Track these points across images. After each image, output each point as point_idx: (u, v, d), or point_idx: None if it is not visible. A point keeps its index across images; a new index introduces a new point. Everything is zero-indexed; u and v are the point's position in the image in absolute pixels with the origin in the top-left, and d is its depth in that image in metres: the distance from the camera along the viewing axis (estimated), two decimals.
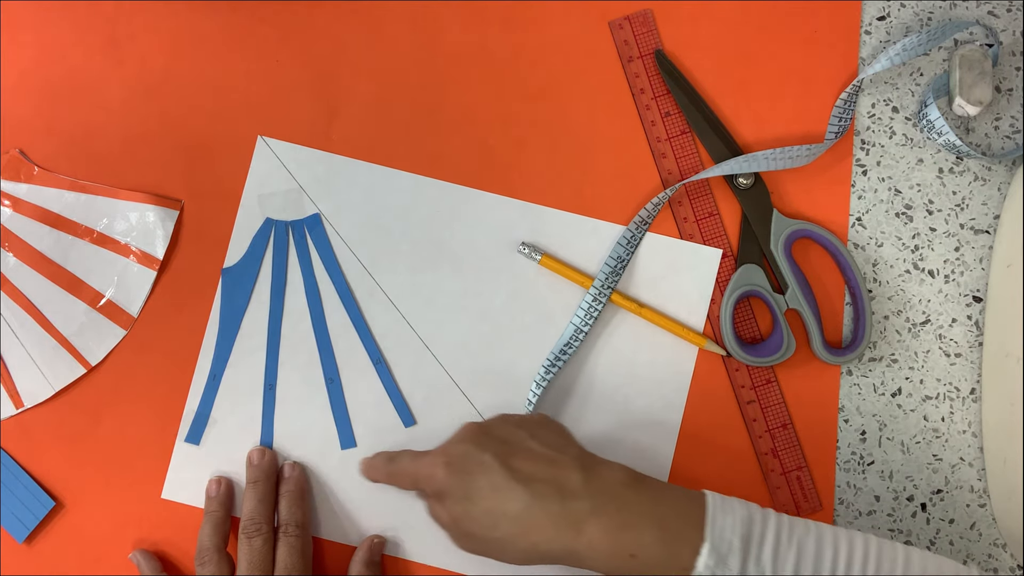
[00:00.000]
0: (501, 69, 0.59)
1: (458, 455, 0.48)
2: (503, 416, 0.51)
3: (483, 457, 0.47)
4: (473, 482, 0.47)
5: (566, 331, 0.56)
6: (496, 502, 0.46)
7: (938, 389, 0.57)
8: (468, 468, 0.47)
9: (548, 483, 0.46)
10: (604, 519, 0.45)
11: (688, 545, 0.44)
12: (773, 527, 0.45)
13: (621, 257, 0.56)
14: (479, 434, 0.49)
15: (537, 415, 0.52)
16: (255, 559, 0.52)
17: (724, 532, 0.44)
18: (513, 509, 0.45)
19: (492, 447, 0.48)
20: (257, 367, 0.57)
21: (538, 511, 0.45)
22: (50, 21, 0.59)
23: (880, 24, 0.59)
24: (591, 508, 0.45)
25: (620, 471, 0.47)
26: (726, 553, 0.43)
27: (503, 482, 0.46)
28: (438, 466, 0.48)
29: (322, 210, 0.58)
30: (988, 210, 0.58)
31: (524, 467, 0.46)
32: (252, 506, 0.53)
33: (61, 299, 0.57)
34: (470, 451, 0.48)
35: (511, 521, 0.46)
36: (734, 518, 0.44)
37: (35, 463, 0.56)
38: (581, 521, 0.45)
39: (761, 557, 0.43)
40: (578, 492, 0.45)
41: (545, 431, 0.49)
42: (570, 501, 0.45)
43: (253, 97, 0.59)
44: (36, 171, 0.58)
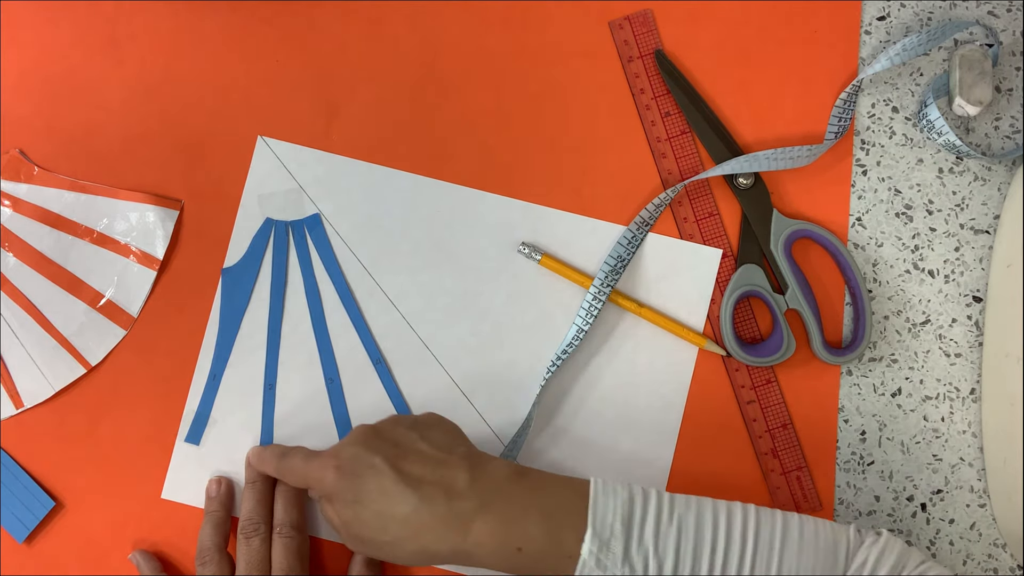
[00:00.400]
0: (501, 69, 0.59)
1: (348, 458, 0.48)
2: (395, 417, 0.51)
3: (373, 460, 0.47)
4: (362, 485, 0.47)
5: (569, 332, 0.56)
6: (385, 505, 0.46)
7: (938, 389, 0.57)
8: (358, 471, 0.47)
9: (436, 485, 0.46)
10: (490, 516, 0.45)
11: (572, 532, 0.45)
12: (654, 507, 0.45)
13: (622, 256, 0.56)
14: (370, 436, 0.49)
15: (430, 415, 0.52)
16: (254, 559, 0.52)
17: (606, 517, 0.45)
18: (401, 512, 0.46)
19: (382, 450, 0.48)
20: (257, 367, 0.57)
21: (426, 513, 0.45)
22: (50, 21, 0.59)
23: (880, 24, 0.59)
24: (477, 506, 0.45)
25: (505, 466, 0.47)
26: (608, 538, 0.44)
27: (392, 485, 0.46)
28: (328, 469, 0.48)
29: (322, 210, 0.58)
30: (988, 210, 0.58)
31: (413, 470, 0.47)
32: (250, 506, 0.53)
33: (61, 299, 0.57)
34: (360, 454, 0.48)
35: (400, 524, 0.46)
36: (615, 501, 0.45)
37: (35, 463, 0.56)
38: (468, 520, 0.45)
39: (643, 537, 0.44)
40: (464, 492, 0.46)
41: (436, 431, 0.50)
42: (457, 501, 0.46)
43: (253, 97, 0.59)
44: (36, 171, 0.58)
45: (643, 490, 0.46)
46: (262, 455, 0.54)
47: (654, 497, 0.46)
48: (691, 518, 0.45)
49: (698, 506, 0.46)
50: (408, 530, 0.46)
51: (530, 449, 0.56)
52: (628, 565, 0.44)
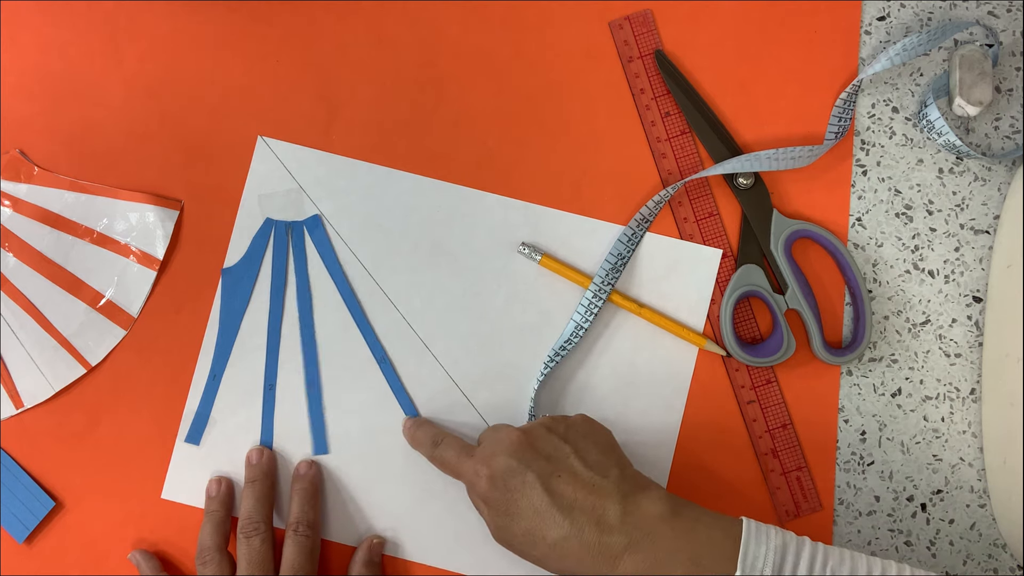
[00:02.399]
0: (501, 69, 0.59)
1: (501, 470, 0.48)
2: (548, 423, 0.50)
3: (526, 476, 0.47)
4: (515, 502, 0.47)
5: (567, 328, 0.56)
6: (536, 525, 0.46)
7: (938, 389, 0.57)
8: (511, 486, 0.47)
9: (587, 513, 0.46)
10: (639, 556, 0.45)
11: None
12: (807, 557, 0.44)
13: (622, 254, 0.56)
14: (524, 447, 0.48)
15: (583, 421, 0.51)
16: (255, 559, 0.52)
17: (756, 562, 0.44)
18: (552, 536, 0.46)
19: (536, 465, 0.47)
20: (257, 367, 0.57)
21: (575, 542, 0.45)
22: (50, 21, 0.59)
23: (880, 24, 0.59)
24: (627, 544, 0.45)
25: (658, 502, 0.46)
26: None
27: (544, 507, 0.46)
28: (481, 477, 0.49)
29: (322, 211, 0.58)
30: (988, 210, 0.58)
31: (566, 492, 0.46)
32: (250, 505, 0.53)
33: (61, 299, 0.57)
34: (513, 467, 0.48)
35: (549, 546, 0.46)
36: (768, 548, 0.44)
37: (35, 463, 0.56)
38: (617, 556, 0.45)
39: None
40: (615, 526, 0.45)
41: (590, 445, 0.49)
42: (607, 535, 0.45)
43: (253, 97, 0.59)
44: (36, 171, 0.58)
45: (796, 539, 0.45)
46: (415, 436, 0.54)
47: (808, 547, 0.45)
48: (845, 571, 0.44)
49: (852, 561, 0.45)
50: (556, 552, 0.46)
51: None
52: None
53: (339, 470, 0.56)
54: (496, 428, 0.52)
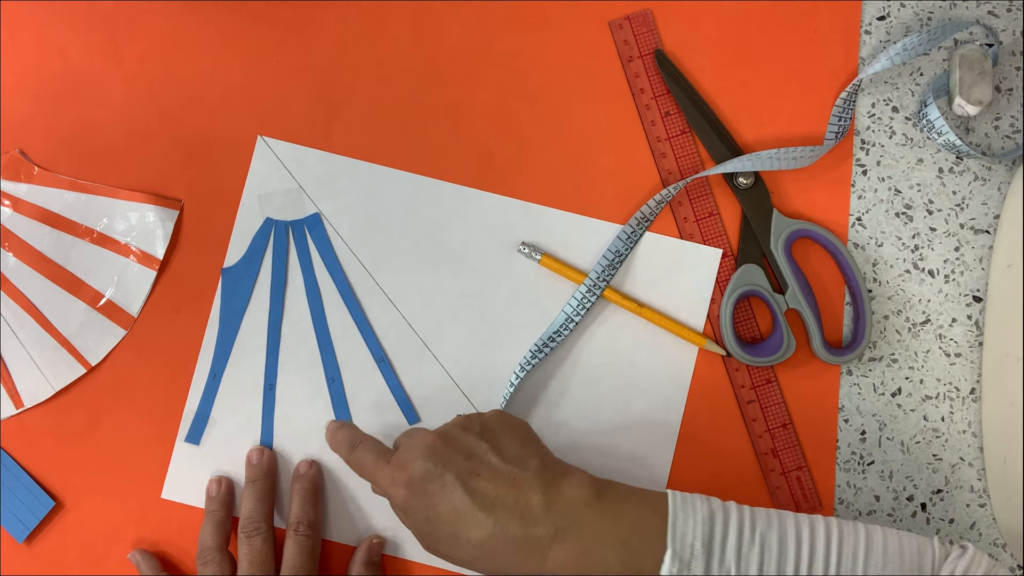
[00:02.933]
0: (501, 69, 0.59)
1: (419, 475, 0.46)
2: (462, 423, 0.49)
3: (444, 478, 0.45)
4: (435, 506, 0.45)
5: (557, 319, 0.56)
6: (459, 528, 0.45)
7: (938, 389, 0.57)
8: (429, 490, 0.46)
9: (510, 508, 0.44)
10: (567, 545, 0.44)
11: (650, 559, 0.43)
12: (735, 524, 0.44)
13: (619, 252, 0.56)
14: (439, 449, 0.47)
15: (498, 416, 0.50)
16: (256, 559, 0.52)
17: (685, 537, 0.43)
18: (476, 536, 0.45)
19: (454, 464, 0.46)
20: (257, 367, 0.57)
21: (501, 539, 0.44)
22: (50, 21, 0.59)
23: (880, 24, 0.59)
24: (553, 533, 0.44)
25: (580, 487, 0.45)
26: (688, 559, 0.43)
27: (465, 508, 0.45)
28: (399, 485, 0.47)
29: (322, 210, 0.58)
30: (988, 210, 0.58)
31: (487, 489, 0.45)
32: (251, 505, 0.53)
33: (61, 299, 0.57)
34: (430, 471, 0.46)
35: (475, 547, 0.45)
36: (695, 520, 0.44)
37: (35, 463, 0.56)
38: (544, 548, 0.44)
39: (724, 558, 0.43)
40: (539, 517, 0.44)
41: (506, 439, 0.48)
42: (532, 527, 0.44)
43: (253, 97, 0.59)
44: (36, 171, 0.58)
45: (723, 506, 0.45)
46: (335, 438, 0.53)
47: (735, 514, 0.45)
48: (774, 535, 0.44)
49: (780, 522, 0.45)
50: (484, 552, 0.45)
51: None
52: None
53: (339, 470, 0.56)
54: (411, 432, 0.50)
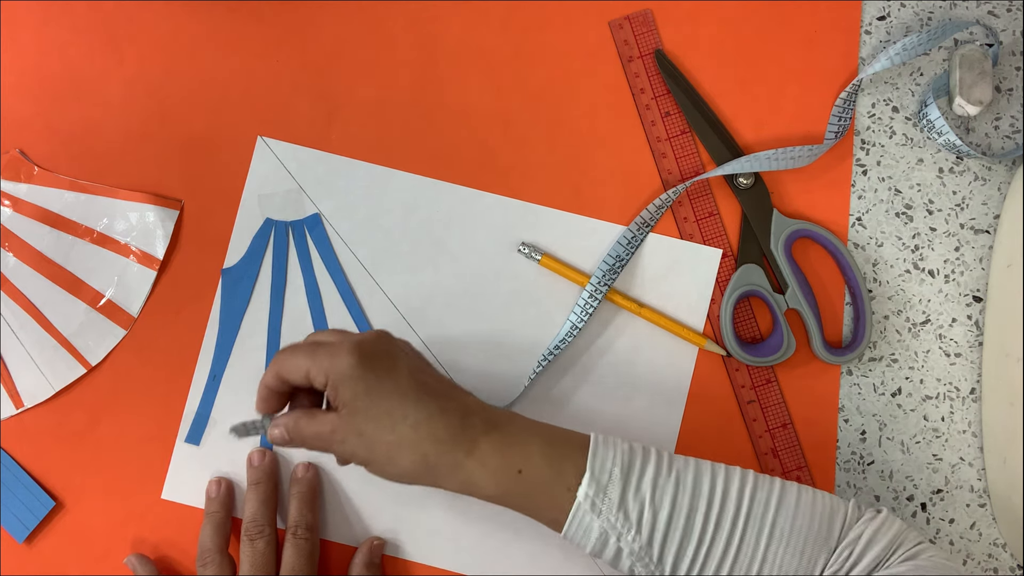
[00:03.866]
0: (501, 69, 0.59)
1: (368, 344, 0.46)
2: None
3: (396, 360, 0.46)
4: (380, 382, 0.45)
5: (562, 328, 0.56)
6: (398, 405, 0.45)
7: (938, 389, 0.57)
8: (377, 365, 0.46)
9: (451, 400, 0.46)
10: (496, 435, 0.46)
11: (572, 465, 0.45)
12: (653, 459, 0.46)
13: (620, 256, 0.56)
14: (391, 339, 0.48)
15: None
16: (258, 561, 0.52)
17: (605, 462, 0.45)
18: (415, 416, 0.45)
19: (405, 353, 0.48)
20: (257, 367, 0.57)
21: (440, 423, 0.45)
22: (50, 21, 0.59)
23: (880, 24, 0.59)
24: (486, 426, 0.46)
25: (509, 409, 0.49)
26: (606, 483, 0.45)
27: (410, 389, 0.46)
28: (342, 352, 0.45)
29: (322, 210, 0.58)
30: (988, 210, 0.58)
31: (430, 382, 0.47)
32: (255, 508, 0.53)
33: (61, 299, 0.57)
34: (382, 349, 0.46)
35: (410, 427, 0.45)
36: (615, 451, 0.46)
37: (35, 463, 0.56)
38: (475, 438, 0.46)
39: (640, 486, 0.45)
40: (476, 412, 0.47)
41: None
42: (469, 419, 0.46)
43: (253, 97, 0.59)
44: (36, 171, 0.58)
45: (643, 446, 0.47)
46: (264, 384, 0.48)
47: (653, 452, 0.47)
48: (689, 475, 0.46)
49: (696, 465, 0.47)
50: (415, 434, 0.45)
51: None
52: (623, 512, 0.45)
53: (339, 471, 0.56)
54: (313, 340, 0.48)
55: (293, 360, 0.46)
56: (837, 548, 0.45)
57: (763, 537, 0.45)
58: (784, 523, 0.45)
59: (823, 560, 0.45)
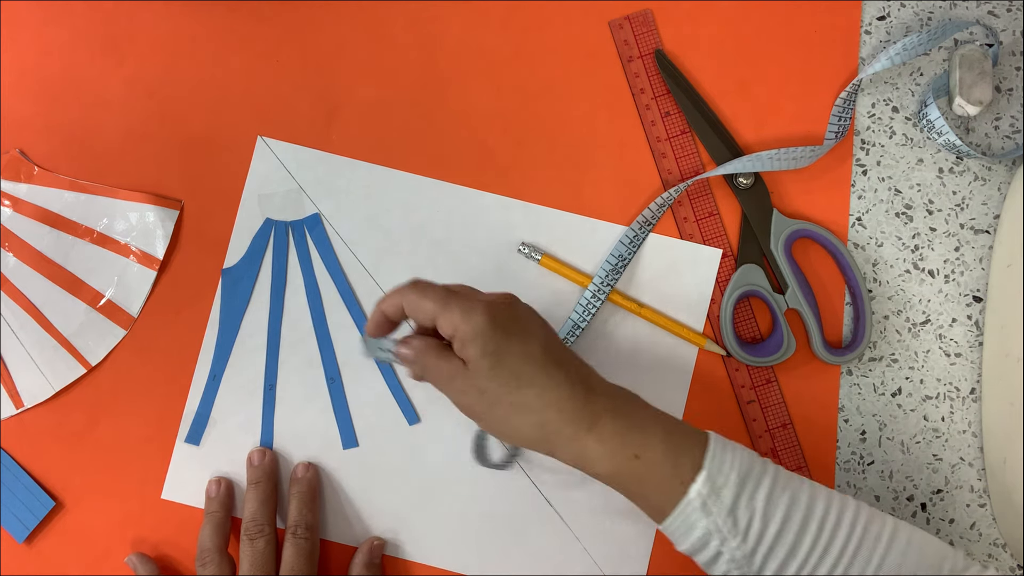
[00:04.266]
0: (501, 69, 0.59)
1: (501, 308, 0.46)
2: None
3: (528, 325, 0.46)
4: (509, 344, 0.45)
5: (564, 327, 0.56)
6: (527, 370, 0.45)
7: (938, 389, 0.57)
8: (511, 329, 0.45)
9: (578, 373, 0.46)
10: (619, 416, 0.45)
11: (689, 459, 0.44)
12: (771, 473, 0.45)
13: (623, 256, 0.56)
14: (521, 304, 0.47)
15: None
16: (258, 560, 0.52)
17: (723, 464, 0.44)
18: (542, 383, 0.45)
19: (534, 321, 0.47)
20: (257, 367, 0.57)
21: (565, 393, 0.45)
22: (50, 21, 0.59)
23: (880, 24, 0.59)
24: (608, 406, 0.45)
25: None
26: (721, 485, 0.44)
27: (539, 356, 0.45)
28: (478, 309, 0.45)
29: (322, 210, 0.58)
30: (988, 210, 0.58)
31: (560, 354, 0.46)
32: (254, 507, 0.53)
33: (61, 299, 0.57)
34: (513, 313, 0.46)
35: (535, 394, 0.45)
36: (735, 455, 0.45)
37: (35, 463, 0.56)
38: (598, 414, 0.45)
39: (755, 496, 0.44)
40: (599, 390, 0.46)
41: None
42: (593, 395, 0.45)
43: (253, 97, 0.59)
44: (36, 171, 0.58)
45: (762, 458, 0.46)
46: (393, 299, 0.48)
47: (771, 465, 0.46)
48: (804, 494, 0.45)
49: (813, 487, 0.45)
50: (539, 402, 0.45)
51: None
52: (733, 518, 0.44)
53: (339, 470, 0.56)
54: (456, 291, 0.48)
55: (422, 303, 0.46)
56: None
57: (869, 570, 0.44)
58: (894, 559, 0.44)
59: None
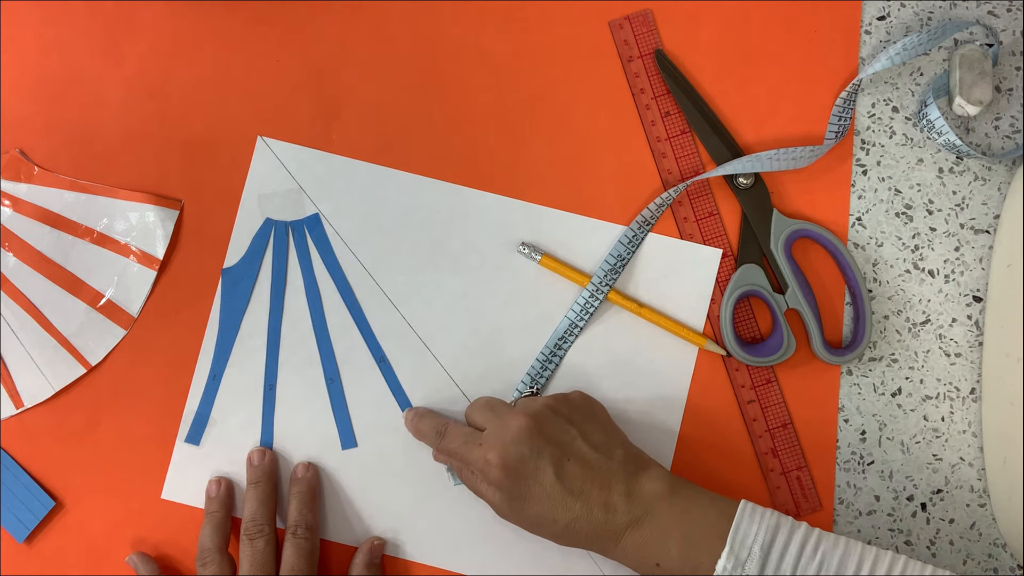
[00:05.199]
0: (501, 69, 0.59)
1: (514, 458, 0.49)
2: (552, 405, 0.51)
3: (539, 463, 0.49)
4: (528, 488, 0.49)
5: (560, 325, 0.56)
6: (547, 508, 0.48)
7: (938, 389, 0.57)
8: (524, 473, 0.49)
9: (595, 497, 0.48)
10: (637, 534, 0.48)
11: (708, 556, 0.46)
12: (799, 538, 0.46)
13: (622, 256, 0.56)
14: (533, 433, 0.49)
15: (580, 398, 0.53)
16: (258, 560, 0.52)
17: (746, 539, 0.46)
18: (563, 518, 0.48)
19: (547, 451, 0.49)
20: (257, 367, 0.57)
21: (584, 522, 0.48)
22: (50, 21, 0.59)
23: (880, 24, 0.59)
24: (629, 521, 0.48)
25: (658, 481, 0.49)
26: (744, 559, 0.45)
27: (556, 493, 0.48)
28: (493, 466, 0.49)
29: (322, 210, 0.58)
30: (988, 210, 0.58)
31: (576, 476, 0.48)
32: (254, 507, 0.53)
33: (61, 299, 0.57)
34: (525, 455, 0.49)
35: (562, 527, 0.49)
36: (759, 526, 0.46)
37: (35, 463, 0.56)
38: (620, 533, 0.48)
39: (781, 566, 0.45)
40: (620, 507, 0.48)
41: (592, 425, 0.51)
42: (613, 515, 0.48)
43: (253, 97, 0.59)
44: (36, 171, 0.58)
45: (792, 522, 0.47)
46: (419, 428, 0.55)
47: (801, 530, 0.46)
48: (835, 558, 0.45)
49: (845, 547, 0.46)
50: (567, 532, 0.49)
51: None
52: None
53: (338, 471, 0.56)
54: (492, 408, 0.52)
55: (447, 444, 0.53)
56: None
57: None
58: None
59: None
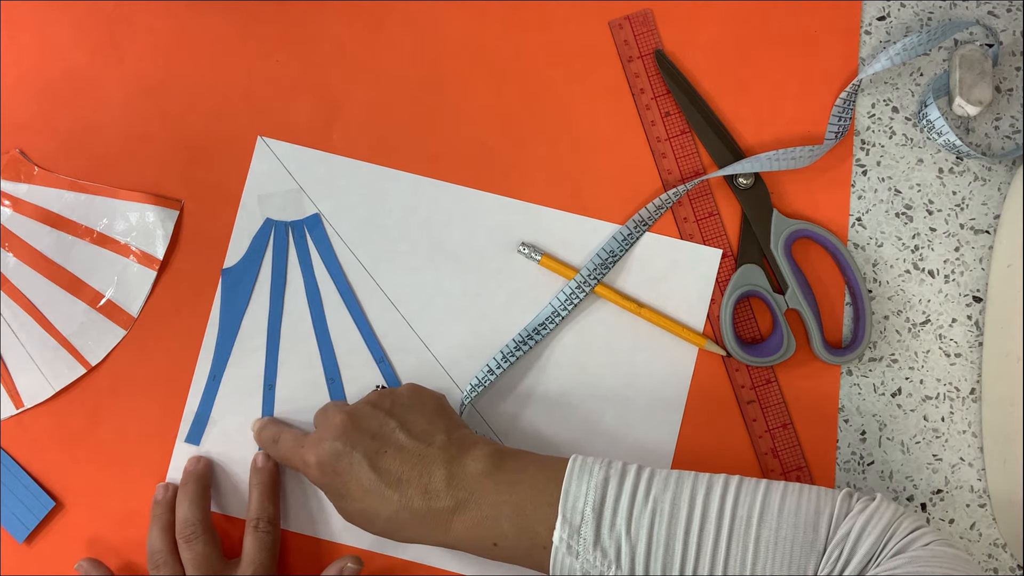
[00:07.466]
0: (501, 69, 0.59)
1: (328, 455, 0.49)
2: (373, 400, 0.51)
3: (352, 458, 0.48)
4: (345, 484, 0.48)
5: (543, 311, 0.56)
6: (368, 503, 0.48)
7: (938, 389, 0.57)
8: (339, 469, 0.49)
9: (414, 484, 0.47)
10: (465, 516, 0.47)
11: (543, 526, 0.46)
12: (628, 489, 0.45)
13: (614, 252, 0.56)
14: (349, 429, 0.49)
15: (409, 389, 0.52)
16: (198, 561, 0.52)
17: (576, 503, 0.45)
18: (385, 511, 0.48)
19: (361, 444, 0.49)
20: (257, 367, 0.57)
21: (406, 513, 0.47)
22: (50, 21, 0.59)
23: (880, 24, 0.59)
24: (454, 506, 0.47)
25: (480, 460, 0.48)
26: (579, 524, 0.45)
27: (373, 486, 0.48)
28: (310, 466, 0.50)
29: (322, 210, 0.58)
30: (988, 210, 0.58)
31: (392, 467, 0.48)
32: (184, 509, 0.53)
33: (61, 299, 0.57)
34: (339, 450, 0.49)
35: (385, 521, 0.48)
36: (588, 486, 0.46)
37: (35, 463, 0.56)
38: (446, 519, 0.47)
39: (615, 522, 0.45)
40: (441, 491, 0.47)
41: (415, 415, 0.50)
42: (435, 501, 0.47)
43: (253, 97, 0.59)
44: (36, 171, 0.58)
45: (621, 470, 0.46)
46: (260, 437, 0.55)
47: (631, 478, 0.46)
48: (667, 499, 0.45)
49: (676, 485, 0.46)
50: (393, 525, 0.48)
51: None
52: (600, 550, 0.44)
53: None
54: (325, 410, 0.53)
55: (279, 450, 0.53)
56: (827, 549, 0.43)
57: (748, 554, 0.44)
58: (768, 535, 0.44)
59: (813, 564, 0.43)
